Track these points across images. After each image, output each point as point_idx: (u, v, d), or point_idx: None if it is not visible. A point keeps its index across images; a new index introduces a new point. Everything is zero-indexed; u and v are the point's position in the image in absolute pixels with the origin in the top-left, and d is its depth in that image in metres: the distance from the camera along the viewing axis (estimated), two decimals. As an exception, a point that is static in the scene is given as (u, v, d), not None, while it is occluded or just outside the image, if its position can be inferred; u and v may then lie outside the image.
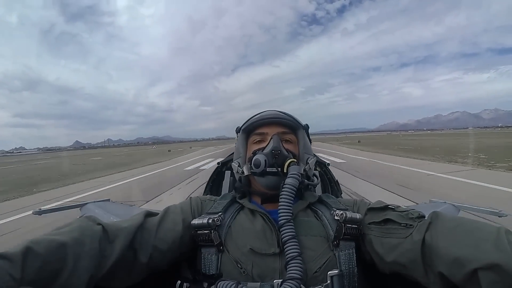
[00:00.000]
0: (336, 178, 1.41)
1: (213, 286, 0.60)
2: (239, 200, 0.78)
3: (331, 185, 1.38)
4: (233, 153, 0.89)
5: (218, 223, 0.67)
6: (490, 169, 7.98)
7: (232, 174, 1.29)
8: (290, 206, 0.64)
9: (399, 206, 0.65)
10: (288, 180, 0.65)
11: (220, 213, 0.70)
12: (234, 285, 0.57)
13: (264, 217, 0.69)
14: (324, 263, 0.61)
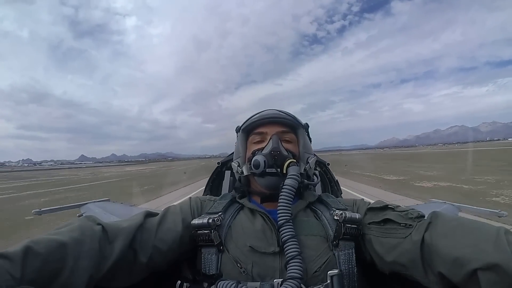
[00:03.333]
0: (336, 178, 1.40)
1: (213, 286, 0.60)
2: (239, 200, 0.78)
3: (331, 185, 1.38)
4: (233, 152, 0.89)
5: (218, 223, 0.67)
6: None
7: (232, 174, 1.28)
8: (289, 207, 0.63)
9: (399, 206, 0.65)
10: (287, 181, 0.65)
11: (220, 213, 0.70)
12: (234, 284, 0.57)
13: (264, 217, 0.69)
14: (324, 263, 0.61)
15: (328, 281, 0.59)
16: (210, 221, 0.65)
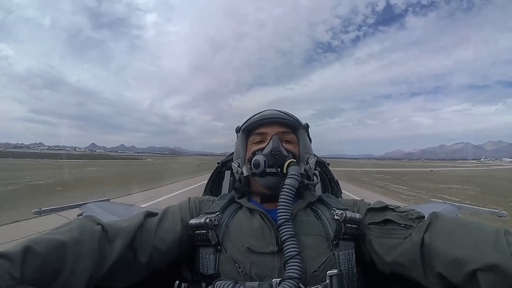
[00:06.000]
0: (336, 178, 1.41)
1: (211, 286, 0.60)
2: (237, 200, 0.78)
3: (331, 185, 1.38)
4: (233, 152, 0.89)
5: (216, 222, 0.67)
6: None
7: (232, 174, 1.28)
8: (289, 206, 0.63)
9: (399, 207, 0.65)
10: (287, 181, 0.64)
11: (217, 213, 0.70)
12: (231, 284, 0.57)
13: (263, 216, 0.69)
14: (323, 262, 0.61)
15: (327, 281, 0.59)
16: (207, 221, 0.65)
